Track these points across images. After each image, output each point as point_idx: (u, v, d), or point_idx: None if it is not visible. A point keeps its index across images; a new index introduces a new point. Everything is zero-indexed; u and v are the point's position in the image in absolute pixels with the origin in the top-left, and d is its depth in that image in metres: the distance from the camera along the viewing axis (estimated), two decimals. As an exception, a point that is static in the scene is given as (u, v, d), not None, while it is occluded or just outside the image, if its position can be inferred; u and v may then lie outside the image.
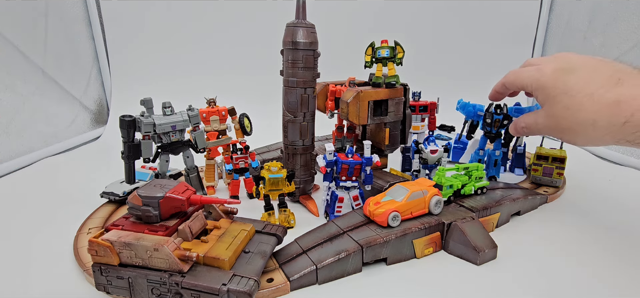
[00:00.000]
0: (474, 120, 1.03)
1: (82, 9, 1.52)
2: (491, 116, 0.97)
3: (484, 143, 1.02)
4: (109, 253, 0.50)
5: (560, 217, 0.85)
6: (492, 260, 0.67)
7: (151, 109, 0.84)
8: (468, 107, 1.02)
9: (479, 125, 1.03)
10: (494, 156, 1.01)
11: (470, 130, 1.04)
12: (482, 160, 1.01)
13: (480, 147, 1.03)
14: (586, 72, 0.60)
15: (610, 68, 0.59)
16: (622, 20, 1.33)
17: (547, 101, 0.64)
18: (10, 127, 1.17)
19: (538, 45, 1.77)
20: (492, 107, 0.97)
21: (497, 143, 1.00)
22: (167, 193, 0.54)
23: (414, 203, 0.70)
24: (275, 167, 0.77)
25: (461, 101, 1.04)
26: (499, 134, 0.99)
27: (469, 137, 1.06)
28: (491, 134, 0.99)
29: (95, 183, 0.92)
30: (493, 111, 0.97)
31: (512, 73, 0.73)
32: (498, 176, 1.02)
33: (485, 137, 1.02)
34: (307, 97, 0.83)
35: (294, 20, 0.79)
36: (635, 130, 0.54)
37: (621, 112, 0.54)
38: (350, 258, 0.62)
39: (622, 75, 0.56)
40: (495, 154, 1.00)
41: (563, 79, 0.61)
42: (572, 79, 0.60)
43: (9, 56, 1.18)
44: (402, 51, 0.87)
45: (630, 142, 0.56)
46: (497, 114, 0.96)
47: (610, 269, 0.65)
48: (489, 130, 0.99)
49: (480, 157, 1.02)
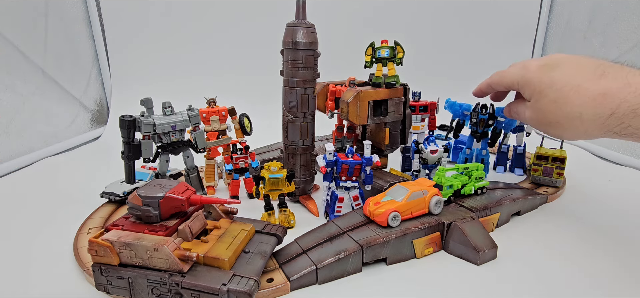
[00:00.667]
0: (461, 120, 1.04)
1: (82, 9, 1.52)
2: (477, 115, 0.97)
3: (471, 142, 1.02)
4: (109, 253, 0.50)
5: (560, 217, 0.85)
6: (492, 260, 0.67)
7: (151, 109, 0.83)
8: (455, 106, 1.03)
9: (466, 124, 1.03)
10: (481, 155, 1.01)
11: (457, 129, 1.05)
12: (469, 159, 1.02)
13: (467, 146, 1.03)
14: (571, 67, 0.61)
15: (594, 62, 0.60)
16: (622, 20, 1.33)
17: (534, 96, 0.65)
18: (10, 127, 1.17)
19: (538, 45, 1.77)
20: (478, 107, 0.97)
21: (483, 142, 1.00)
22: (167, 193, 0.54)
23: (414, 203, 0.70)
24: (275, 167, 0.77)
25: (449, 100, 1.04)
26: (485, 133, 0.99)
27: (455, 136, 1.06)
28: (477, 133, 0.99)
29: (95, 183, 0.92)
30: (479, 111, 0.97)
31: (498, 73, 0.74)
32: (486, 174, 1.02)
33: (471, 136, 1.02)
34: (307, 97, 0.83)
35: (294, 20, 0.79)
36: (621, 122, 0.55)
37: (606, 104, 0.55)
38: (350, 258, 0.62)
39: (606, 69, 0.58)
40: (482, 154, 1.01)
41: (549, 74, 0.62)
42: (557, 73, 0.61)
43: (9, 56, 1.18)
44: (402, 51, 0.87)
45: (617, 134, 0.57)
46: (483, 114, 0.96)
47: (610, 269, 0.65)
48: (475, 130, 0.99)
49: (467, 156, 1.02)
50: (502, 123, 0.97)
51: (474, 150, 1.02)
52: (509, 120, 0.97)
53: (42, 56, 1.31)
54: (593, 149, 1.36)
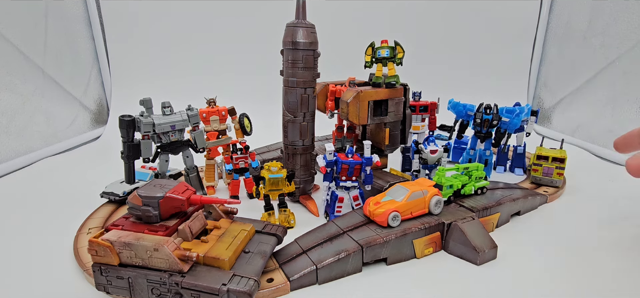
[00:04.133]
0: (464, 120, 1.03)
1: (82, 9, 1.52)
2: (481, 116, 0.97)
3: (474, 143, 1.02)
4: (109, 253, 0.50)
5: (560, 217, 0.85)
6: (492, 260, 0.67)
7: (150, 109, 0.84)
8: (458, 106, 1.03)
9: (469, 124, 1.03)
10: (485, 156, 1.01)
11: (461, 130, 1.04)
12: (472, 159, 1.02)
13: (471, 147, 1.03)
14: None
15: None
16: (622, 20, 1.33)
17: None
18: (10, 127, 1.17)
19: (538, 45, 1.77)
20: (482, 107, 0.97)
21: (487, 143, 1.00)
22: (167, 193, 0.54)
23: (414, 203, 0.70)
24: (275, 167, 0.77)
25: (452, 101, 1.04)
26: (489, 134, 0.99)
27: (459, 137, 1.06)
28: (481, 134, 0.99)
29: (95, 183, 0.92)
30: (483, 111, 0.97)
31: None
32: (489, 175, 1.02)
33: (475, 137, 1.02)
34: (307, 97, 0.83)
35: (294, 20, 0.79)
36: None
37: None
38: (350, 258, 0.62)
39: None
40: (486, 154, 1.00)
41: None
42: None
43: (9, 56, 1.18)
44: (402, 51, 0.87)
45: None
46: (487, 114, 0.96)
47: (611, 269, 0.65)
48: (479, 130, 0.99)
49: (471, 157, 1.02)
50: (506, 123, 0.97)
51: (477, 151, 1.02)
52: (513, 120, 0.96)
53: (42, 56, 1.31)
54: (593, 149, 1.36)
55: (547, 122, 1.73)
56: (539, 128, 1.69)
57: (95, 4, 1.55)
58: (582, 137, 1.46)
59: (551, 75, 1.74)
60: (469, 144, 1.05)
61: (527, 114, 1.05)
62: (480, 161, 1.00)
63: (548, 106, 1.74)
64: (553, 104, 1.71)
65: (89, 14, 1.55)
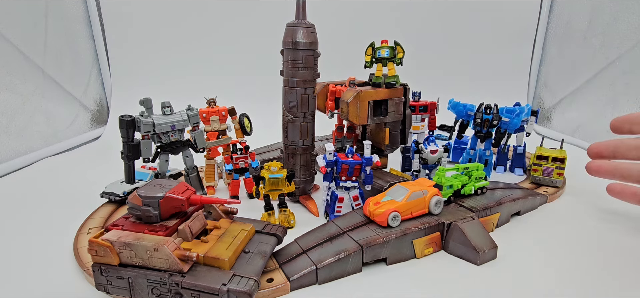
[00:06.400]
0: (464, 120, 1.03)
1: (82, 9, 1.52)
2: (481, 116, 0.97)
3: (474, 143, 1.02)
4: (109, 253, 0.50)
5: (560, 217, 0.85)
6: (492, 260, 0.67)
7: (150, 109, 0.84)
8: (459, 106, 1.03)
9: (469, 124, 1.03)
10: (485, 156, 1.01)
11: (461, 129, 1.04)
12: (472, 159, 1.02)
13: (471, 147, 1.03)
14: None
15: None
16: (622, 20, 1.33)
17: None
18: (10, 127, 1.17)
19: (538, 46, 1.77)
20: (482, 107, 0.97)
21: (487, 143, 1.00)
22: (167, 193, 0.54)
23: (414, 203, 0.70)
24: (275, 167, 0.77)
25: (452, 101, 1.04)
26: (489, 134, 0.99)
27: (459, 137, 1.06)
28: (481, 134, 0.99)
29: (95, 183, 0.92)
30: (483, 111, 0.97)
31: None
32: (489, 176, 1.02)
33: (475, 137, 1.02)
34: (307, 97, 0.83)
35: (294, 20, 0.79)
36: None
37: None
38: (350, 258, 0.62)
39: None
40: (486, 154, 1.00)
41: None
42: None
43: (9, 56, 1.18)
44: (402, 51, 0.87)
45: None
46: (487, 114, 0.96)
47: (610, 269, 0.65)
48: (479, 130, 0.99)
49: (471, 157, 1.02)
50: (506, 123, 0.97)
51: (477, 151, 1.02)
52: (513, 120, 0.96)
53: (42, 56, 1.31)
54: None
55: (547, 122, 1.73)
56: (539, 128, 1.69)
57: (95, 4, 1.55)
58: (582, 137, 1.46)
59: (551, 75, 1.74)
60: (469, 144, 1.05)
61: (527, 114, 1.05)
62: (480, 161, 1.00)
63: (548, 106, 1.74)
64: (553, 104, 1.71)
65: (89, 14, 1.55)
